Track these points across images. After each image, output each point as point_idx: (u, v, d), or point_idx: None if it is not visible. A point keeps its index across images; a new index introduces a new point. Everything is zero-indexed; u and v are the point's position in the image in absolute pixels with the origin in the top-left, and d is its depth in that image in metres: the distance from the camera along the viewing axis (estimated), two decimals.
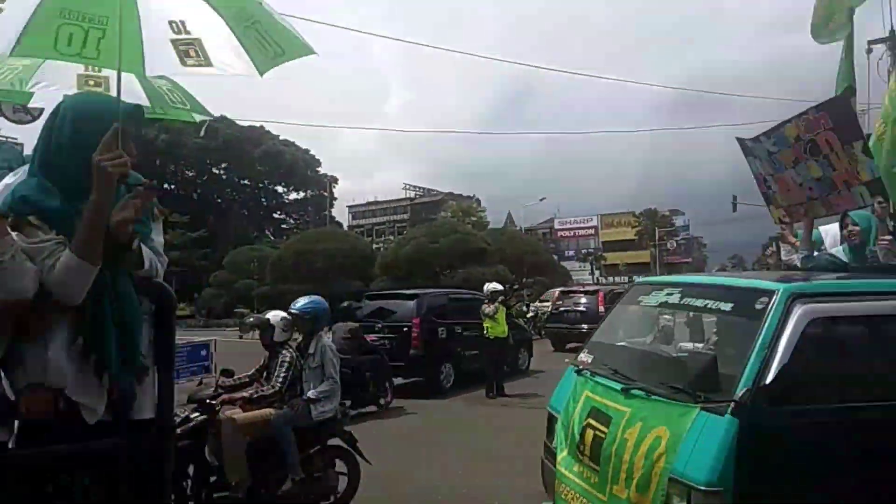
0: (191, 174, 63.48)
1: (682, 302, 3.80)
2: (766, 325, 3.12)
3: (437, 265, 31.61)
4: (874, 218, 4.26)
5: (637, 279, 4.52)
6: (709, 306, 3.58)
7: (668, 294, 3.91)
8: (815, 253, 4.50)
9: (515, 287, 33.51)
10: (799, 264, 4.44)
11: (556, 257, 55.79)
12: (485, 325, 11.67)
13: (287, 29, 2.83)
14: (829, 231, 4.86)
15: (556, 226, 73.03)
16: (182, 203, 50.81)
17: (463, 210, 52.53)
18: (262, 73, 2.76)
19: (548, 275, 37.02)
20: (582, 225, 72.71)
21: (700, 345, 4.12)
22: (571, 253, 69.56)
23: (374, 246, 54.69)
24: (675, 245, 72.51)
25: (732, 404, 2.97)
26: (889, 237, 4.07)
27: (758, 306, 3.24)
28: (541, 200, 61.34)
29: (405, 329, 11.90)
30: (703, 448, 2.97)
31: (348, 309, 11.51)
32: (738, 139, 4.83)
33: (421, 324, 11.90)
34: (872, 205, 4.23)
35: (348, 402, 5.88)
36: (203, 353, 12.76)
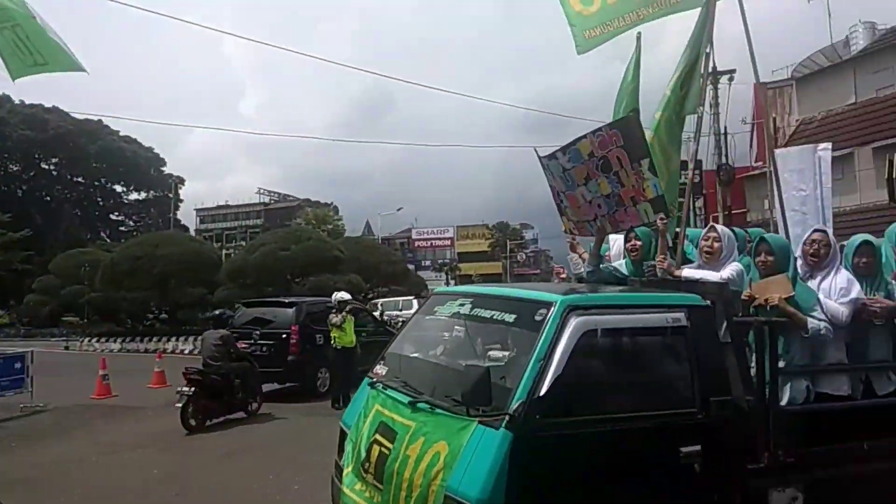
0: (15, 168, 57.51)
1: (472, 313, 3.83)
2: (543, 336, 3.20)
3: (288, 273, 30.68)
4: (655, 236, 4.48)
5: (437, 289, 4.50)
6: (495, 317, 3.63)
7: (460, 305, 3.92)
8: (602, 265, 4.68)
9: (369, 296, 33.33)
10: (585, 276, 4.61)
11: (412, 267, 56.27)
12: (332, 334, 11.71)
13: (56, 43, 2.82)
14: (616, 242, 5.09)
15: (414, 236, 73.68)
16: (3, 200, 45.85)
17: (319, 217, 51.57)
18: (14, 78, 2.66)
19: (403, 284, 37.14)
20: (439, 236, 73.88)
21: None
22: (428, 263, 70.43)
23: (225, 252, 52.30)
24: (524, 257, 75.69)
25: (507, 417, 3.00)
26: (663, 256, 4.29)
27: (537, 318, 3.31)
28: (398, 210, 61.80)
29: (283, 336, 12.43)
30: (477, 463, 2.97)
31: (221, 316, 11.36)
32: (537, 154, 4.94)
33: (299, 330, 12.42)
34: (655, 221, 4.45)
35: None
36: (17, 365, 11.69)
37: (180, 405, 9.56)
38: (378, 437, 3.54)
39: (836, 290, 3.94)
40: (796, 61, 28.03)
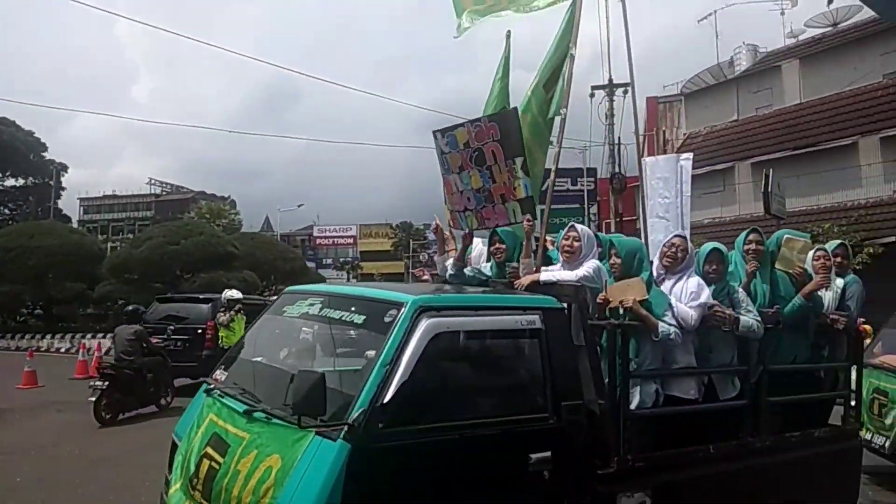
0: None
1: (321, 313, 3.60)
2: (391, 339, 3.02)
3: (177, 268, 29.25)
4: (521, 236, 4.41)
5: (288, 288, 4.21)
6: (344, 318, 3.41)
7: (310, 304, 3.69)
8: (467, 268, 4.58)
9: (265, 294, 32.32)
10: (449, 277, 4.48)
11: (313, 265, 55.08)
12: (220, 334, 11.65)
13: None
14: (477, 244, 5.01)
15: (316, 233, 72.21)
16: None
17: (213, 211, 49.40)
18: None
19: (302, 282, 36.22)
20: (341, 234, 72.73)
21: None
22: (330, 261, 69.24)
23: (111, 245, 49.29)
24: (426, 257, 75.72)
25: (346, 427, 2.79)
26: (528, 260, 4.23)
27: (386, 319, 3.13)
28: (299, 207, 60.37)
29: (198, 331, 12.75)
30: (310, 479, 2.76)
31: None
32: (435, 132, 4.75)
33: (215, 326, 12.44)
34: (522, 222, 4.37)
35: None
36: None
37: (93, 399, 9.58)
38: (209, 449, 3.24)
39: (687, 294, 4.01)
40: (687, 78, 29.49)
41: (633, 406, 3.74)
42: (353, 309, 3.39)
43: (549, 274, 4.07)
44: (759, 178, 18.90)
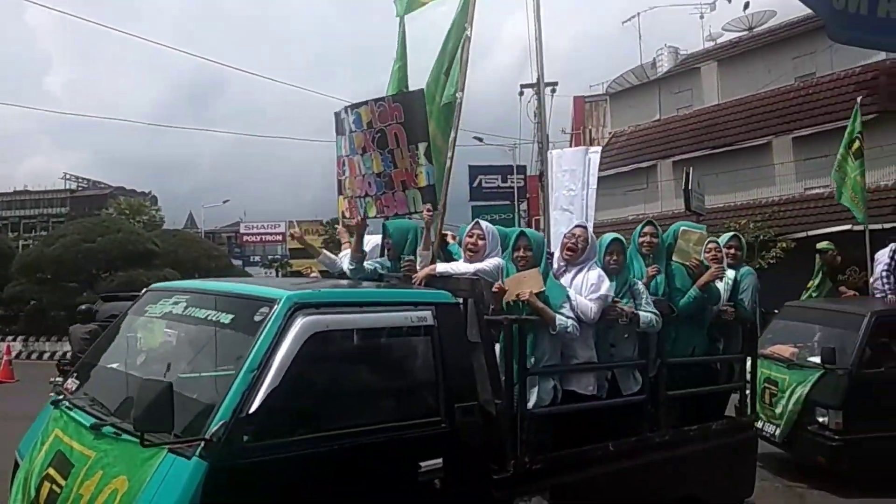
0: None
1: (185, 312, 3.23)
2: (260, 341, 2.70)
3: (93, 267, 27.88)
4: (419, 228, 4.15)
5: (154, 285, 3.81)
6: (210, 318, 3.05)
7: (174, 303, 3.31)
8: (367, 262, 4.29)
9: None
10: (349, 273, 4.18)
11: (240, 263, 53.55)
12: None
13: None
14: (371, 240, 4.74)
15: (242, 230, 70.23)
16: None
17: (133, 207, 47.44)
18: None
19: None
20: (269, 231, 70.98)
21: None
22: (258, 258, 67.52)
23: (23, 243, 46.72)
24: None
25: (202, 444, 2.46)
26: (426, 252, 3.98)
27: (256, 318, 2.82)
28: (224, 203, 58.72)
29: None
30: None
31: (87, 312, 10.92)
32: (336, 112, 4.47)
33: None
34: (422, 212, 4.13)
35: None
36: None
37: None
38: (51, 470, 2.86)
39: (588, 287, 3.88)
40: (612, 78, 30.01)
41: (530, 405, 3.57)
42: (220, 307, 3.04)
43: (445, 266, 3.85)
44: (680, 175, 19.35)
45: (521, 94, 28.52)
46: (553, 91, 28.77)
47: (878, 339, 6.44)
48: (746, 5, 26.02)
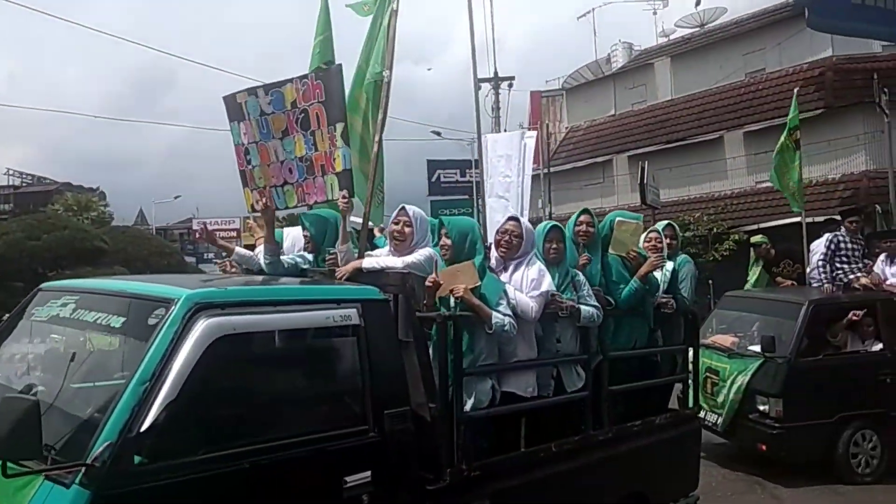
0: None
1: (73, 315, 2.88)
2: (153, 348, 2.38)
3: (38, 265, 26.85)
4: (339, 218, 3.88)
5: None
6: (100, 322, 2.72)
7: (62, 305, 2.95)
8: (286, 256, 4.01)
9: None
10: (266, 269, 3.87)
11: (193, 259, 52.22)
12: None
13: None
14: (290, 233, 4.46)
15: (195, 226, 68.67)
16: None
17: (80, 203, 45.85)
18: None
19: None
20: (223, 227, 69.41)
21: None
22: (212, 255, 66.09)
23: None
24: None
25: (83, 469, 2.16)
26: (346, 245, 3.70)
27: (151, 321, 2.50)
28: (175, 198, 57.20)
29: None
30: None
31: None
32: (226, 97, 4.13)
33: None
34: (338, 199, 3.83)
35: None
36: None
37: None
38: None
39: (528, 283, 3.66)
40: (568, 73, 30.05)
41: (467, 408, 3.34)
42: (110, 309, 2.71)
43: (372, 261, 3.59)
44: (635, 170, 19.43)
45: (479, 88, 28.42)
46: (510, 86, 28.78)
47: (815, 328, 6.51)
48: (698, 2, 26.30)
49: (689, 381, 4.78)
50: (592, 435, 3.92)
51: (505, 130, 27.89)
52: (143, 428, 2.24)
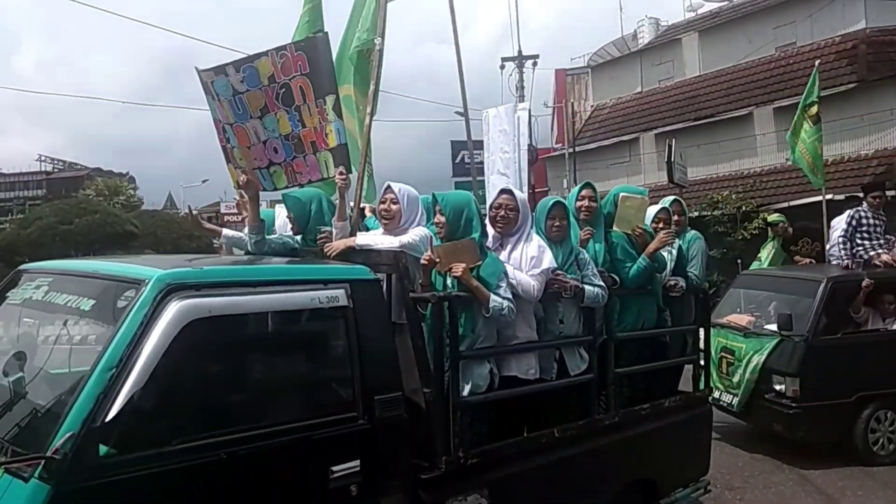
0: None
1: (45, 298, 2.78)
2: (121, 332, 2.25)
3: (71, 249, 27.46)
4: (322, 196, 3.71)
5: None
6: (70, 305, 2.61)
7: (37, 287, 2.85)
8: (275, 236, 3.88)
9: None
10: (251, 249, 3.75)
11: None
12: None
13: None
14: (282, 212, 4.31)
15: (223, 209, 69.22)
16: None
17: (111, 188, 46.60)
18: None
19: None
20: None
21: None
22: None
23: None
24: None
25: (43, 462, 2.06)
26: (343, 223, 3.56)
27: (120, 304, 2.40)
28: (203, 182, 57.87)
29: None
30: None
31: None
32: (199, 70, 3.88)
33: None
34: (335, 176, 3.68)
35: None
36: None
37: None
38: None
39: (528, 261, 3.49)
40: (594, 50, 29.50)
41: (464, 392, 3.21)
42: (82, 291, 2.60)
43: (366, 238, 3.46)
44: (662, 148, 19.02)
45: (503, 67, 28.02)
46: (535, 64, 28.40)
47: (834, 306, 6.28)
48: None
49: (701, 363, 4.60)
50: (598, 419, 3.78)
51: (529, 109, 27.62)
52: (109, 417, 2.13)
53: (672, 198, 5.04)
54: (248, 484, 2.45)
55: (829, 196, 14.33)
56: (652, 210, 4.44)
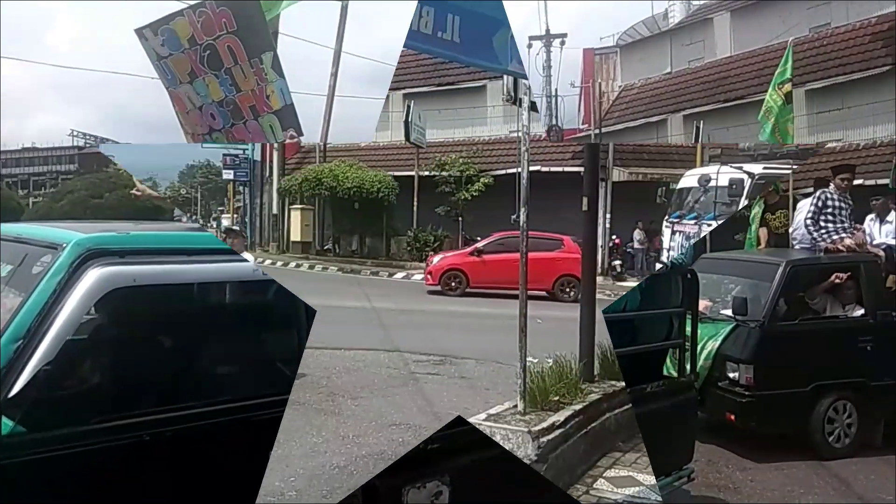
0: None
1: None
2: (31, 300, 2.16)
3: (101, 224, 27.97)
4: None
5: None
6: None
7: None
8: None
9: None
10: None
11: None
12: None
13: None
14: None
15: None
16: None
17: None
18: None
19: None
20: None
21: None
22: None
23: (33, 200, 47.00)
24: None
25: None
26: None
27: (35, 269, 2.30)
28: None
29: None
30: None
31: None
32: (138, 30, 3.69)
33: None
34: (285, 140, 3.52)
35: None
36: None
37: None
38: None
39: None
40: (622, 30, 28.84)
41: None
42: (3, 257, 2.51)
43: None
44: (690, 130, 18.56)
45: (530, 46, 27.59)
46: (562, 43, 27.84)
47: (793, 290, 6.10)
48: None
49: (687, 348, 4.43)
50: None
51: (556, 89, 27.19)
52: (13, 392, 2.03)
53: None
54: (175, 468, 2.34)
55: (871, 182, 13.95)
56: None
